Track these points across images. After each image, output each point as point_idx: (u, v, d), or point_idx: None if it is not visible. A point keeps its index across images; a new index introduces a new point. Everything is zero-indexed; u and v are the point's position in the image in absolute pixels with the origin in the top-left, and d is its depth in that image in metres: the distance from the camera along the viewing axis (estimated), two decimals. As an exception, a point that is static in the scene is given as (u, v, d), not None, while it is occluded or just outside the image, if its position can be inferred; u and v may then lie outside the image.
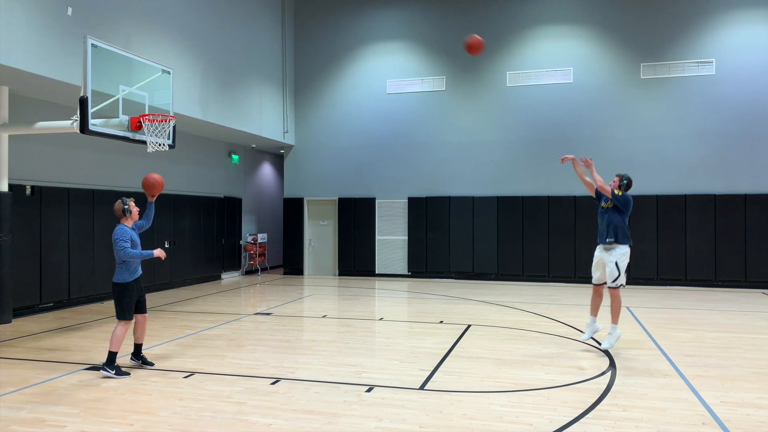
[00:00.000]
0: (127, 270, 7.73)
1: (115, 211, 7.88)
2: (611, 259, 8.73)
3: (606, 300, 9.62)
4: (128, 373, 7.61)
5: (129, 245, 7.64)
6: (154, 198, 8.41)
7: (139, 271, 7.92)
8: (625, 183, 8.85)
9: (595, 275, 9.07)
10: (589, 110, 17.85)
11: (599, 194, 9.00)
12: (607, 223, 8.78)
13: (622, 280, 8.75)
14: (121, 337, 7.64)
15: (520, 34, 18.48)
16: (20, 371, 7.85)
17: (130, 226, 7.90)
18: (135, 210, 8.01)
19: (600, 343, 9.21)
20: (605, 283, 8.95)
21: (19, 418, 6.02)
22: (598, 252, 8.98)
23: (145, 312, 8.09)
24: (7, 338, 9.92)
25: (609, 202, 8.79)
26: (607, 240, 8.75)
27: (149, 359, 8.21)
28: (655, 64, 17.42)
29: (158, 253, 7.79)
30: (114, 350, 7.56)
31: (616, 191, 8.76)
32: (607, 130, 17.67)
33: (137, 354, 8.12)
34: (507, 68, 18.55)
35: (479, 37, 9.47)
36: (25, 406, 6.41)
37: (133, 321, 7.91)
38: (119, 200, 7.89)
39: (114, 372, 7.51)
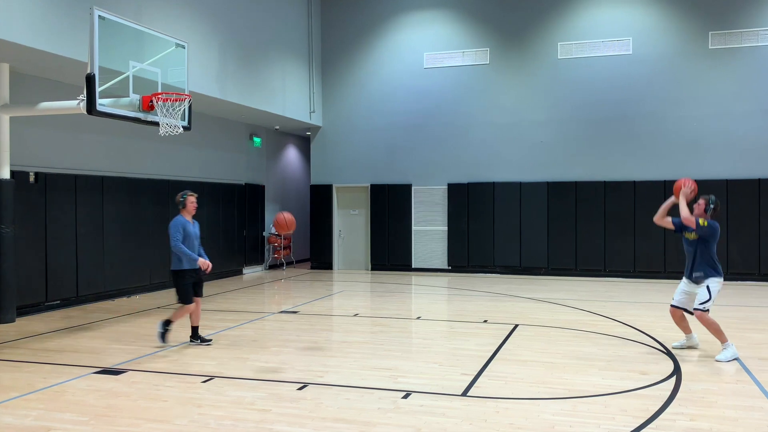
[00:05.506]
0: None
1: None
2: (703, 285, 8.58)
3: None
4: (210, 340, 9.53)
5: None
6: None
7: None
8: (712, 207, 8.57)
9: (677, 297, 8.94)
10: (650, 85, 17.53)
11: (681, 226, 8.78)
12: (693, 256, 8.62)
13: (711, 305, 8.52)
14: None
15: (573, 0, 18.22)
16: (25, 375, 7.96)
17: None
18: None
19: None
20: (685, 309, 8.86)
21: (24, 426, 6.10)
22: (685, 286, 8.84)
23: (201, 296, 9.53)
24: (11, 339, 10.07)
25: (693, 233, 8.58)
26: (695, 276, 8.65)
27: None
28: (725, 33, 17.02)
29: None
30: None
31: (701, 221, 8.47)
32: (671, 107, 17.35)
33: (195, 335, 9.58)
34: (558, 39, 18.29)
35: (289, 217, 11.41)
36: (30, 412, 6.48)
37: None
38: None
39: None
